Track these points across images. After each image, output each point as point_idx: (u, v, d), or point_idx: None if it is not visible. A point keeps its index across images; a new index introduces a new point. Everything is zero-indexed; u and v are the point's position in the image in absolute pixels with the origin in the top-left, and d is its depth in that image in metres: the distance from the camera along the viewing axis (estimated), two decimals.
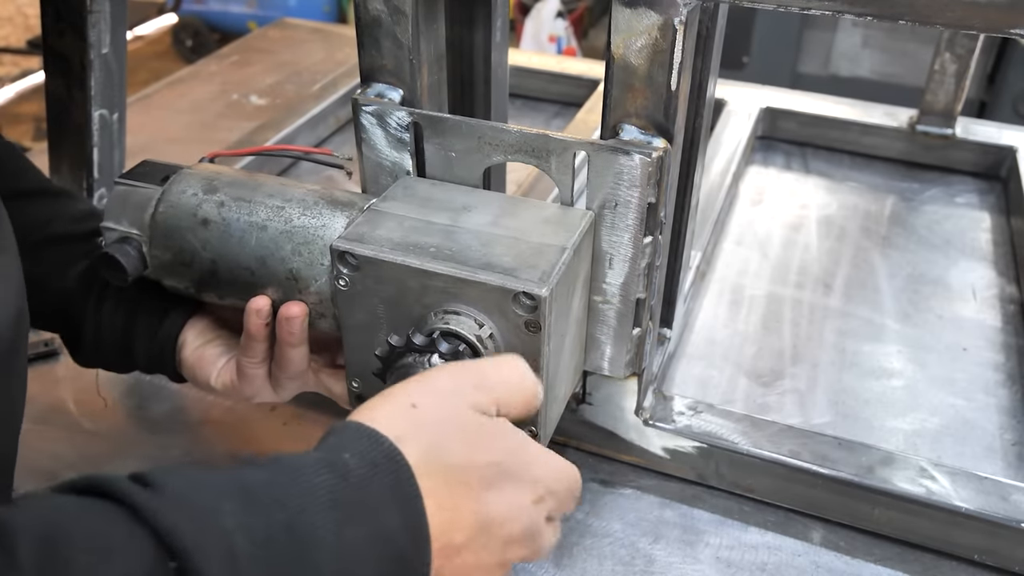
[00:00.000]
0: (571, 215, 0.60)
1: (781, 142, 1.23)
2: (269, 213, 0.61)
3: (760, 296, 0.94)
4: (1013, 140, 1.14)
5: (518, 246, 0.56)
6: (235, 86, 1.37)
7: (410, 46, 0.62)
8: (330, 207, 0.61)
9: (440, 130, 0.62)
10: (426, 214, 0.60)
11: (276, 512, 0.34)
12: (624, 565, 0.67)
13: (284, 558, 0.33)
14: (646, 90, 0.57)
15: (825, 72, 2.48)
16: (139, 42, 3.92)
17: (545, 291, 0.53)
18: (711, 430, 0.71)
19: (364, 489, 0.36)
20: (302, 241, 0.61)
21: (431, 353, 0.54)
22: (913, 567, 0.67)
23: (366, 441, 0.39)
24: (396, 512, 0.37)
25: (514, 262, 0.55)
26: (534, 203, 0.62)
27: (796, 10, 0.52)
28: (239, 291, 0.63)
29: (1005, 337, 0.89)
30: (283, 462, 0.37)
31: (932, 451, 0.76)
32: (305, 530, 0.34)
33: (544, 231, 0.58)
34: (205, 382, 0.65)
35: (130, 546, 0.32)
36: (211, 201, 0.62)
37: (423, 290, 0.55)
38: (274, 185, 0.64)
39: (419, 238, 0.57)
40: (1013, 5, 0.48)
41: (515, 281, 0.53)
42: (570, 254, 0.56)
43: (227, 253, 0.62)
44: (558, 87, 1.33)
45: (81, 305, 0.67)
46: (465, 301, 0.55)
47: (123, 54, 0.81)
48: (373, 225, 0.58)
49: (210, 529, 0.32)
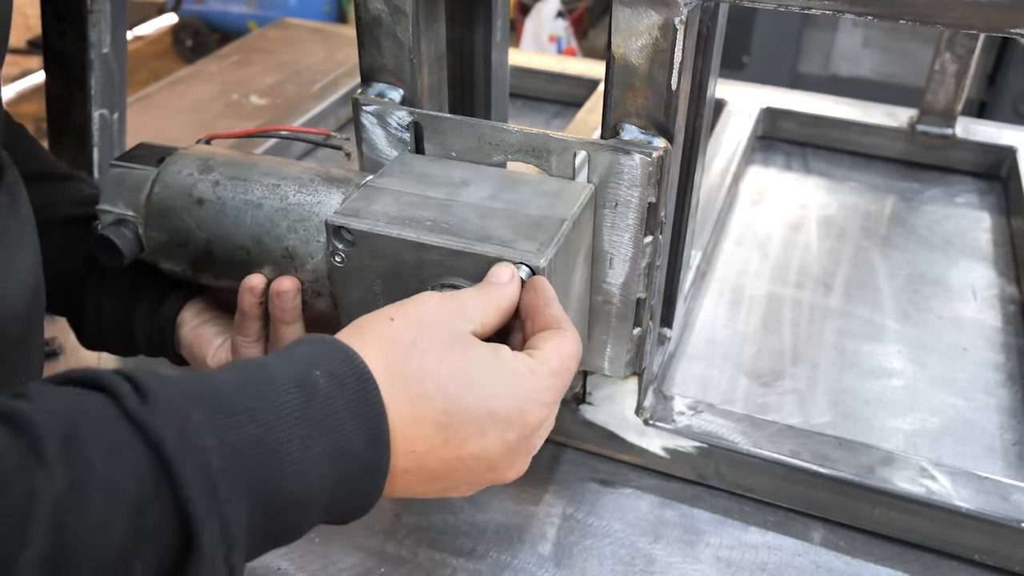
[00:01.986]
0: (571, 188, 0.59)
1: (781, 142, 1.23)
2: (264, 191, 0.61)
3: (760, 296, 0.94)
4: (1013, 140, 1.14)
5: (516, 218, 0.56)
6: (235, 86, 1.37)
7: (410, 46, 0.62)
8: (326, 184, 0.61)
9: (440, 130, 0.62)
10: (423, 189, 0.59)
11: (246, 425, 0.37)
12: (624, 565, 0.67)
13: (250, 471, 0.37)
14: (646, 90, 0.57)
15: (825, 72, 2.48)
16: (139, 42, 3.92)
17: (543, 261, 0.52)
18: (711, 430, 0.71)
19: (329, 406, 0.39)
20: (298, 218, 0.60)
21: None
22: (913, 567, 0.67)
23: (339, 359, 0.41)
24: (359, 427, 0.40)
25: (512, 234, 0.54)
26: (534, 177, 0.62)
27: (796, 10, 0.52)
28: (235, 271, 0.63)
29: (1005, 337, 0.89)
30: (256, 372, 0.39)
31: (932, 451, 0.76)
32: (271, 445, 0.37)
33: (543, 204, 0.57)
34: (202, 360, 0.65)
35: (133, 445, 0.35)
36: (206, 180, 0.62)
37: (420, 264, 0.55)
38: (270, 164, 0.63)
39: (415, 212, 0.56)
40: (1013, 5, 0.48)
41: (512, 252, 0.53)
42: (569, 225, 0.56)
43: (222, 232, 0.62)
44: (558, 87, 1.33)
45: (82, 288, 0.67)
46: (462, 274, 0.54)
47: (123, 54, 0.81)
48: (369, 200, 0.58)
49: (191, 446, 0.35)
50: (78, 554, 0.32)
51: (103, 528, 0.33)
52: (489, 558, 0.67)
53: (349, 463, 0.40)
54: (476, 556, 0.67)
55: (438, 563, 0.66)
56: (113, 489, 0.34)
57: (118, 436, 0.35)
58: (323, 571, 0.66)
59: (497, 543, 0.68)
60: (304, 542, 0.67)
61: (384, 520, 0.70)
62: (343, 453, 0.40)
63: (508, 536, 0.68)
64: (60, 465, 0.33)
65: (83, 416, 0.35)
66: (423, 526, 0.69)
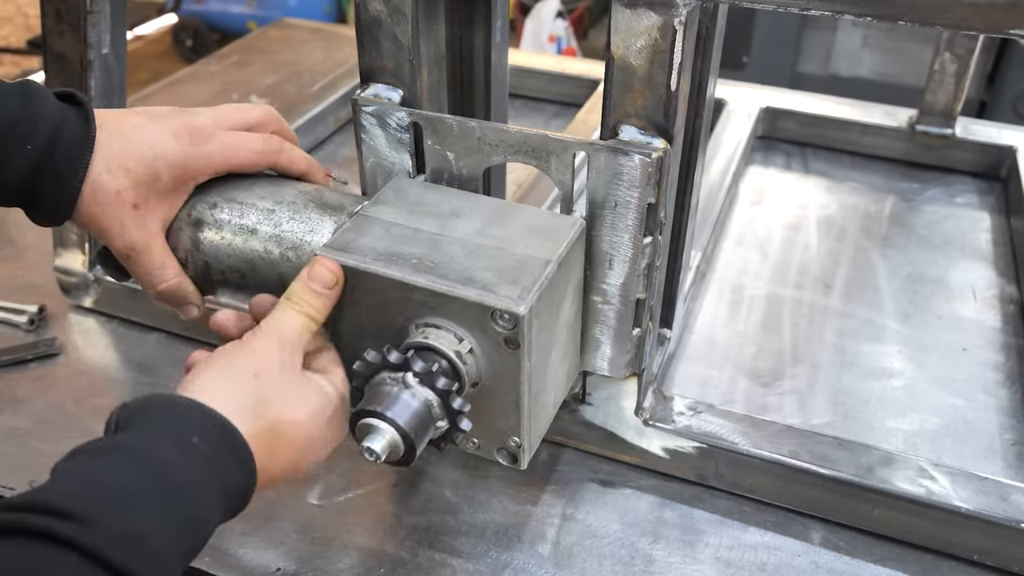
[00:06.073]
0: (560, 224, 0.59)
1: (781, 142, 1.23)
2: (260, 216, 0.62)
3: (760, 296, 0.94)
4: (1013, 140, 1.14)
5: (502, 258, 0.56)
6: (235, 86, 1.37)
7: (410, 46, 0.62)
8: (319, 211, 0.61)
9: (440, 130, 0.62)
10: (414, 220, 0.59)
11: (167, 509, 0.44)
12: (624, 565, 0.67)
13: (176, 535, 0.44)
14: (646, 90, 0.57)
15: (825, 72, 2.48)
16: (139, 42, 3.92)
17: (523, 309, 0.52)
18: (711, 430, 0.71)
19: (214, 462, 0.47)
20: (290, 246, 0.61)
21: (405, 371, 0.53)
22: (913, 567, 0.67)
23: (206, 420, 0.48)
24: (237, 471, 0.48)
25: (495, 276, 0.54)
26: (524, 209, 0.62)
27: (796, 10, 0.52)
28: (232, 292, 0.63)
29: (1005, 337, 0.89)
30: (148, 456, 0.45)
31: (932, 451, 0.76)
32: (183, 511, 0.45)
33: (531, 242, 0.57)
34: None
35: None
36: (205, 202, 0.62)
37: (404, 302, 0.55)
38: (266, 186, 0.64)
39: (403, 248, 0.57)
40: (1013, 5, 0.48)
41: (494, 297, 0.53)
42: (554, 268, 0.55)
43: (219, 254, 0.62)
44: (558, 87, 1.33)
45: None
46: (444, 315, 0.54)
47: (123, 54, 0.81)
48: (359, 232, 0.58)
49: (149, 555, 0.41)
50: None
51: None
52: (489, 558, 0.67)
53: (232, 496, 0.49)
54: (476, 556, 0.67)
55: (438, 563, 0.66)
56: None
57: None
58: (323, 571, 0.66)
59: (497, 543, 0.68)
60: (304, 543, 0.67)
61: (384, 520, 0.70)
62: (229, 490, 0.48)
63: (508, 536, 0.68)
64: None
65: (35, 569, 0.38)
66: (423, 526, 0.69)
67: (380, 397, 0.53)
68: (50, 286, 0.91)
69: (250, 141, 0.63)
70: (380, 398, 0.53)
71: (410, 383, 0.53)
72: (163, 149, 0.60)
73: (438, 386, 0.53)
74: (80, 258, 0.88)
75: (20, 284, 0.94)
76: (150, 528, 0.42)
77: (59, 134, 0.57)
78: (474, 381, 0.56)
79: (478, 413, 0.57)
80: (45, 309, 0.90)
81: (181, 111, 0.62)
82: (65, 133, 0.57)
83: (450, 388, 0.53)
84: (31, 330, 0.88)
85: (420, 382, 0.53)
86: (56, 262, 0.89)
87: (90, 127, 0.58)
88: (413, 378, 0.53)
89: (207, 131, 0.62)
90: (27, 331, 0.88)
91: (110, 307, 0.90)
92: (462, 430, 0.55)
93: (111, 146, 0.58)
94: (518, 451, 0.59)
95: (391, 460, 0.53)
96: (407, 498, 0.72)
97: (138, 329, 0.89)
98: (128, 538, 0.40)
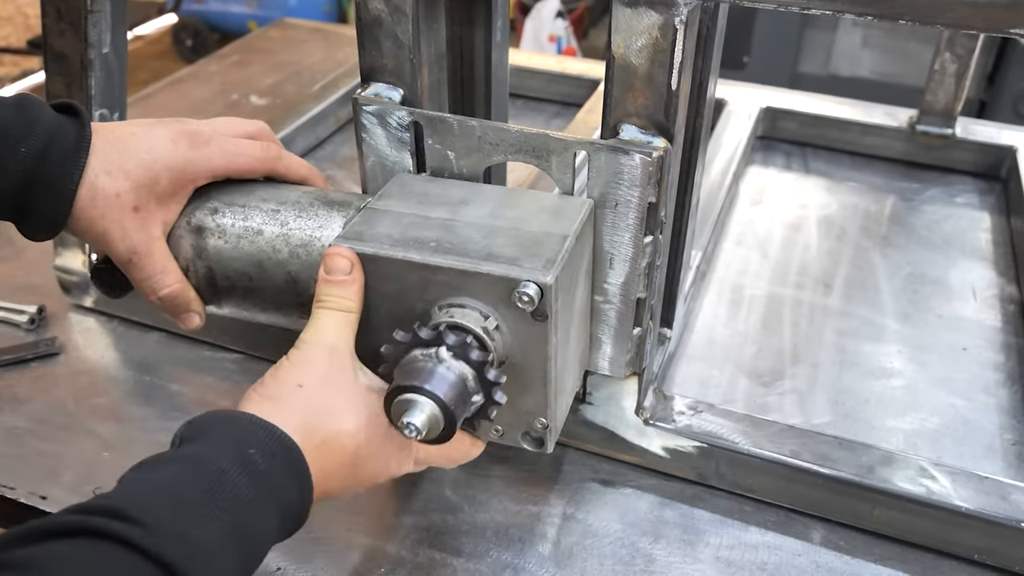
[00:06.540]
0: (570, 204, 0.60)
1: (781, 142, 1.23)
2: (264, 217, 0.61)
3: (760, 296, 0.94)
4: (1013, 140, 1.14)
5: (519, 236, 0.56)
6: (235, 86, 1.37)
7: (410, 46, 0.62)
8: (326, 208, 0.61)
9: (440, 130, 0.62)
10: (424, 210, 0.59)
11: (222, 517, 0.45)
12: (624, 565, 0.67)
13: (231, 544, 0.45)
14: (646, 90, 0.57)
15: (825, 72, 2.48)
16: (139, 42, 3.92)
17: (550, 278, 0.52)
18: (711, 430, 0.71)
19: (270, 476, 0.48)
20: (299, 243, 0.60)
21: (438, 346, 0.53)
22: (913, 567, 0.67)
23: (263, 434, 0.49)
24: (293, 485, 0.49)
25: (517, 252, 0.54)
26: (532, 194, 0.62)
27: (796, 10, 0.52)
28: (238, 299, 0.63)
29: (1005, 337, 0.89)
30: (206, 467, 0.46)
31: (932, 451, 0.76)
32: (239, 521, 0.46)
33: (544, 220, 0.58)
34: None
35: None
36: (205, 208, 0.62)
37: (425, 285, 0.55)
38: (267, 189, 0.63)
39: (418, 233, 0.57)
40: (1013, 5, 0.48)
41: (519, 270, 0.53)
42: (572, 241, 0.56)
43: (223, 260, 0.62)
44: (558, 87, 1.33)
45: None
46: (469, 293, 0.54)
47: (124, 53, 0.81)
48: (371, 223, 0.58)
49: (202, 557, 0.43)
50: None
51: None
52: (489, 558, 0.67)
53: (288, 511, 0.50)
54: (476, 556, 0.67)
55: (438, 563, 0.66)
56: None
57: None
58: (323, 571, 0.66)
59: (497, 543, 0.68)
60: (304, 542, 0.67)
61: (384, 520, 0.70)
62: (285, 505, 0.49)
63: (508, 536, 0.69)
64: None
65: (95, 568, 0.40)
66: (423, 526, 0.69)
67: (416, 372, 0.53)
68: (50, 286, 0.91)
69: (249, 147, 0.64)
70: (416, 373, 0.53)
71: (444, 357, 0.53)
72: (162, 152, 0.60)
73: (473, 358, 0.53)
74: (80, 258, 0.88)
75: (20, 284, 0.94)
76: (206, 534, 0.43)
77: (54, 140, 0.57)
78: (501, 359, 0.56)
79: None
80: (45, 309, 0.90)
81: (178, 120, 0.63)
82: (60, 139, 0.57)
83: (485, 359, 0.53)
84: (31, 330, 0.88)
85: (454, 356, 0.53)
86: (56, 261, 0.89)
87: (85, 131, 0.58)
88: (447, 352, 0.53)
89: (205, 135, 0.62)
90: (27, 331, 0.88)
91: (110, 306, 0.90)
92: (497, 402, 0.55)
93: (108, 150, 0.59)
94: (544, 433, 0.60)
95: (430, 438, 0.53)
96: (408, 497, 0.72)
97: (138, 328, 0.89)
98: (184, 541, 0.42)
